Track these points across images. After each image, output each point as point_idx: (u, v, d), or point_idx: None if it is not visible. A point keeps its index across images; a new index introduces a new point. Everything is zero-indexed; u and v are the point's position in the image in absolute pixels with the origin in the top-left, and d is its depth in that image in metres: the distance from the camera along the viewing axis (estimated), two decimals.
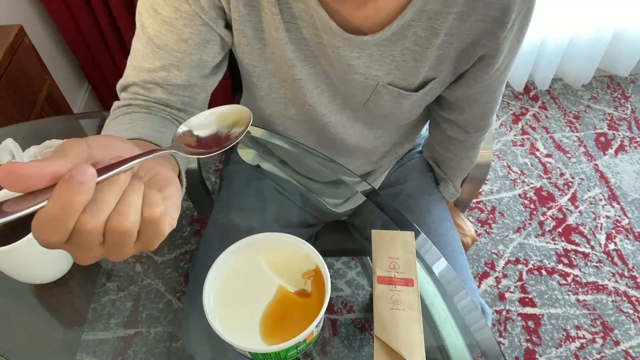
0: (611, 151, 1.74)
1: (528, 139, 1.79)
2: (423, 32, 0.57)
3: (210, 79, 0.61)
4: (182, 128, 0.39)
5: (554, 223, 1.55)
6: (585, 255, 1.47)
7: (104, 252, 0.33)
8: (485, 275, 1.44)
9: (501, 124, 1.84)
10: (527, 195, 1.63)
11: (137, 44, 0.56)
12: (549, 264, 1.46)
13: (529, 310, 1.37)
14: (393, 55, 0.59)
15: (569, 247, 1.49)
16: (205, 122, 0.40)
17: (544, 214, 1.58)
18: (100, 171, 0.30)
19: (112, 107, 0.58)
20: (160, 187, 0.35)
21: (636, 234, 1.52)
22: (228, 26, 0.58)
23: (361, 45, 0.56)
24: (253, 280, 0.57)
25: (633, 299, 1.38)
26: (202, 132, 0.39)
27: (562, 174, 1.68)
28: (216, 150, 0.38)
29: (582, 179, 1.66)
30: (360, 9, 0.54)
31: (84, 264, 0.33)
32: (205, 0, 0.52)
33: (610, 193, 1.62)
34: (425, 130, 0.92)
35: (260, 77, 0.64)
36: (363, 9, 0.54)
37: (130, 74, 0.57)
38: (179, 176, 0.45)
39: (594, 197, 1.61)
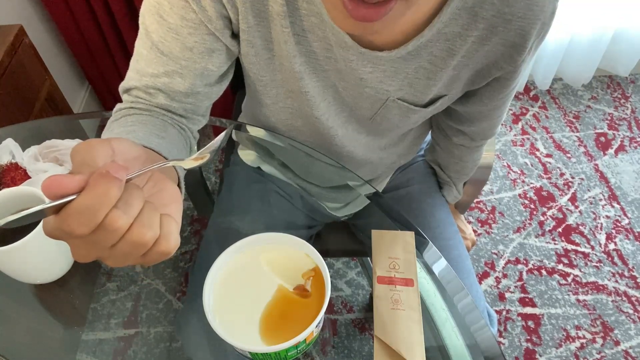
0: (611, 151, 1.74)
1: (528, 139, 1.79)
2: (440, 52, 0.56)
3: (215, 87, 0.60)
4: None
5: (554, 223, 1.55)
6: (585, 255, 1.47)
7: (108, 254, 0.33)
8: (485, 275, 1.44)
9: (501, 124, 1.84)
10: (527, 195, 1.63)
11: (141, 48, 0.55)
12: (549, 264, 1.46)
13: (529, 310, 1.37)
14: (406, 72, 0.58)
15: (569, 247, 1.49)
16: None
17: (544, 214, 1.58)
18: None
19: (114, 109, 0.58)
20: (166, 204, 0.37)
21: (636, 234, 1.52)
22: (234, 36, 0.57)
23: (375, 61, 0.56)
24: (253, 280, 0.57)
25: (633, 299, 1.38)
26: None
27: (562, 174, 1.68)
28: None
29: (582, 179, 1.66)
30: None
31: (83, 261, 0.34)
32: (212, 10, 0.51)
33: (610, 193, 1.62)
34: (427, 135, 0.92)
35: (267, 86, 0.64)
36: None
37: (133, 77, 0.56)
38: (178, 184, 0.46)
39: (594, 197, 1.61)
